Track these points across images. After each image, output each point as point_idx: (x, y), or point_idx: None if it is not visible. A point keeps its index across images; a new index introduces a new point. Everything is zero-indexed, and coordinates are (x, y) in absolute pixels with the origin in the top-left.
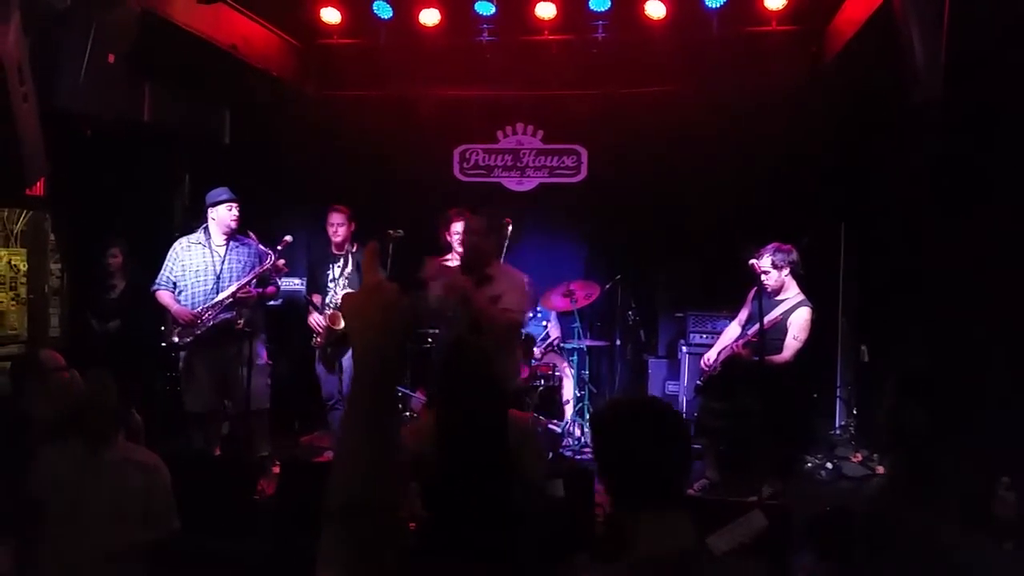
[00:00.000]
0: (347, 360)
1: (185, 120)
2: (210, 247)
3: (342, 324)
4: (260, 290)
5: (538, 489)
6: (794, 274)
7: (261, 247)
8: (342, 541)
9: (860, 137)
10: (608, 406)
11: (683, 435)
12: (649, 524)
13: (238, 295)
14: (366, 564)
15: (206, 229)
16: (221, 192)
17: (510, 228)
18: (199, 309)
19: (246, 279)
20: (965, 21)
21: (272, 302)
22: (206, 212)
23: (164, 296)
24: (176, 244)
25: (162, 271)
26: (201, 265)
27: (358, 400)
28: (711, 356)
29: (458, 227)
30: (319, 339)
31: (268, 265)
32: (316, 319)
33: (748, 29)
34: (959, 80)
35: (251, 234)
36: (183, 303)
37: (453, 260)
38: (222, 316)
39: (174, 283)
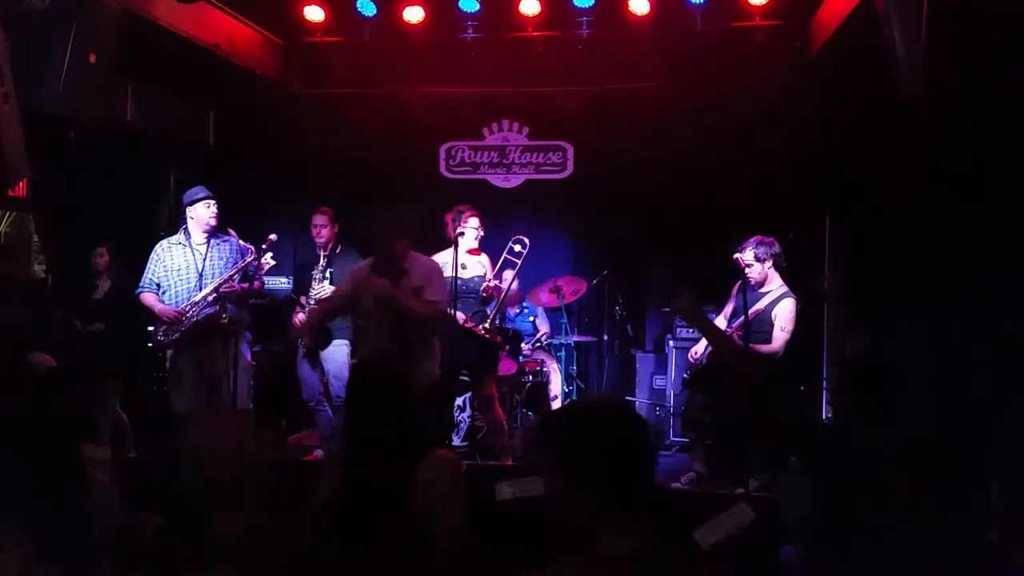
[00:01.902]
0: (328, 361)
1: (169, 120)
2: (191, 246)
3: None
4: (244, 285)
5: (453, 534)
6: (777, 266)
7: (242, 243)
8: None
9: (845, 131)
10: (568, 408)
11: (644, 435)
12: (607, 522)
13: (221, 290)
14: None
15: (186, 229)
16: (198, 190)
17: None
18: (183, 307)
19: (228, 274)
20: (945, 14)
21: (256, 300)
22: (184, 212)
23: (148, 298)
24: (157, 246)
25: (145, 273)
26: (183, 264)
27: None
28: (699, 349)
29: (474, 222)
30: (306, 339)
31: (250, 259)
32: (301, 317)
33: (732, 24)
34: (940, 73)
35: (231, 231)
36: (167, 303)
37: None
38: (206, 311)
39: (157, 284)
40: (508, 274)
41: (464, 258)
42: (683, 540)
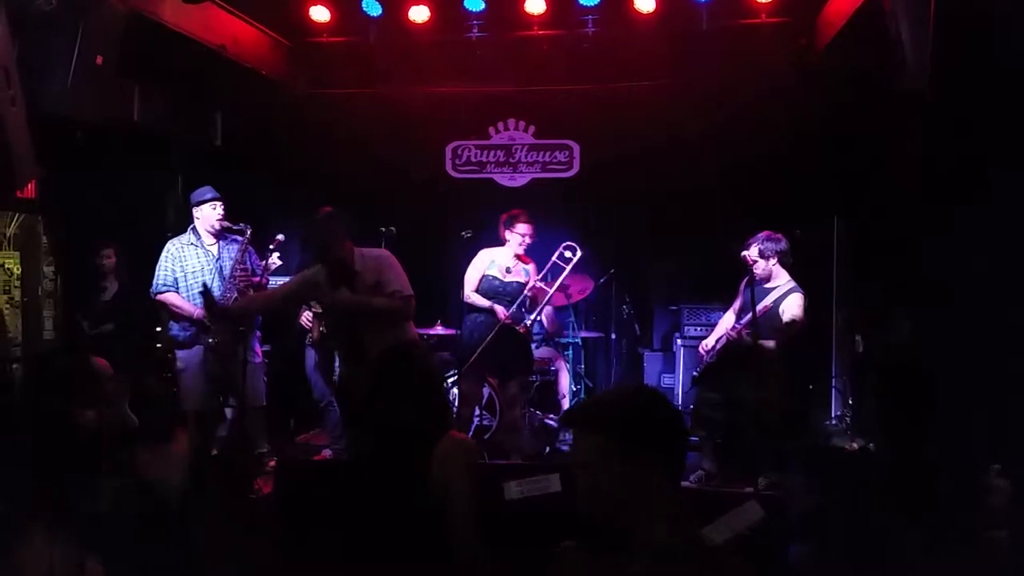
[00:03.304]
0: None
1: (176, 121)
2: (203, 247)
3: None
4: (257, 279)
5: (465, 515)
6: (782, 263)
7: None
8: None
9: (852, 129)
10: (621, 394)
11: (685, 427)
12: (657, 510)
13: (239, 278)
14: None
15: (195, 229)
16: (205, 191)
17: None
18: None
19: (236, 263)
20: (952, 11)
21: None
22: (191, 211)
23: (173, 298)
24: (169, 245)
25: (161, 273)
26: (197, 266)
27: None
28: (709, 342)
29: (521, 229)
30: (314, 334)
31: (248, 236)
32: (307, 316)
33: (737, 22)
34: (947, 70)
35: (247, 228)
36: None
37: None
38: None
39: (175, 284)
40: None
41: (510, 262)
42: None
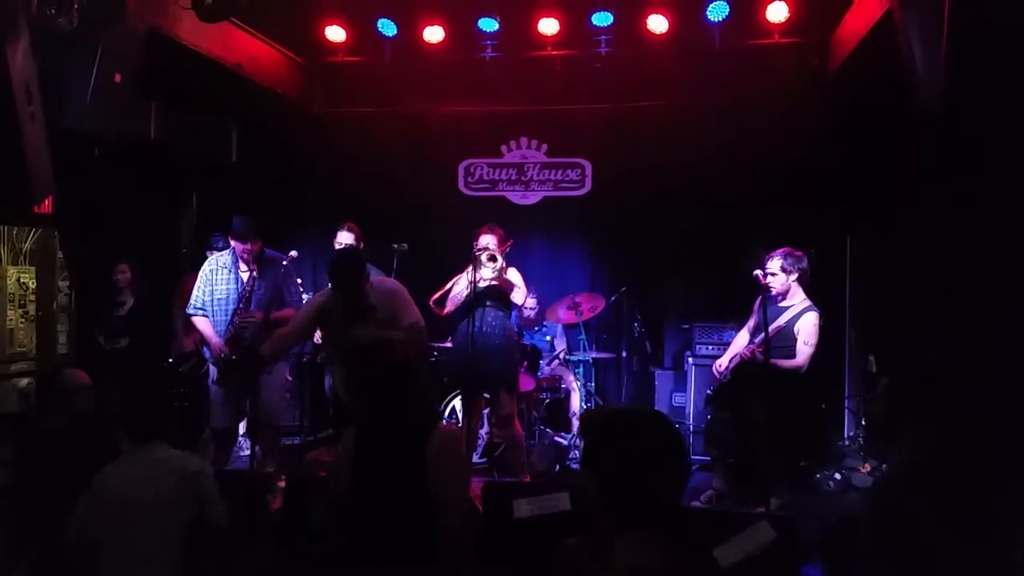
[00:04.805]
0: None
1: (192, 138)
2: (236, 273)
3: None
4: (259, 315)
5: (455, 505)
6: (801, 281)
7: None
8: None
9: (865, 148)
10: (608, 413)
11: (680, 453)
12: (622, 534)
13: (236, 322)
14: None
15: (233, 251)
16: (238, 225)
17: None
18: (223, 344)
19: (243, 292)
20: (966, 31)
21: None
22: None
23: (201, 323)
24: (207, 264)
25: (196, 294)
26: (223, 294)
27: None
28: (723, 362)
29: (484, 240)
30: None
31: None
32: (319, 335)
33: (750, 42)
34: (960, 90)
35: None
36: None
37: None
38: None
39: (203, 308)
40: (531, 302)
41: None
42: (704, 562)
